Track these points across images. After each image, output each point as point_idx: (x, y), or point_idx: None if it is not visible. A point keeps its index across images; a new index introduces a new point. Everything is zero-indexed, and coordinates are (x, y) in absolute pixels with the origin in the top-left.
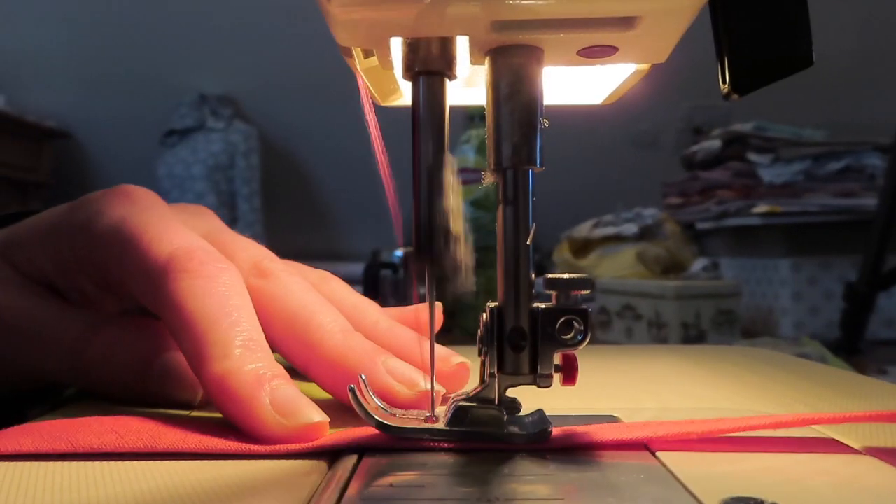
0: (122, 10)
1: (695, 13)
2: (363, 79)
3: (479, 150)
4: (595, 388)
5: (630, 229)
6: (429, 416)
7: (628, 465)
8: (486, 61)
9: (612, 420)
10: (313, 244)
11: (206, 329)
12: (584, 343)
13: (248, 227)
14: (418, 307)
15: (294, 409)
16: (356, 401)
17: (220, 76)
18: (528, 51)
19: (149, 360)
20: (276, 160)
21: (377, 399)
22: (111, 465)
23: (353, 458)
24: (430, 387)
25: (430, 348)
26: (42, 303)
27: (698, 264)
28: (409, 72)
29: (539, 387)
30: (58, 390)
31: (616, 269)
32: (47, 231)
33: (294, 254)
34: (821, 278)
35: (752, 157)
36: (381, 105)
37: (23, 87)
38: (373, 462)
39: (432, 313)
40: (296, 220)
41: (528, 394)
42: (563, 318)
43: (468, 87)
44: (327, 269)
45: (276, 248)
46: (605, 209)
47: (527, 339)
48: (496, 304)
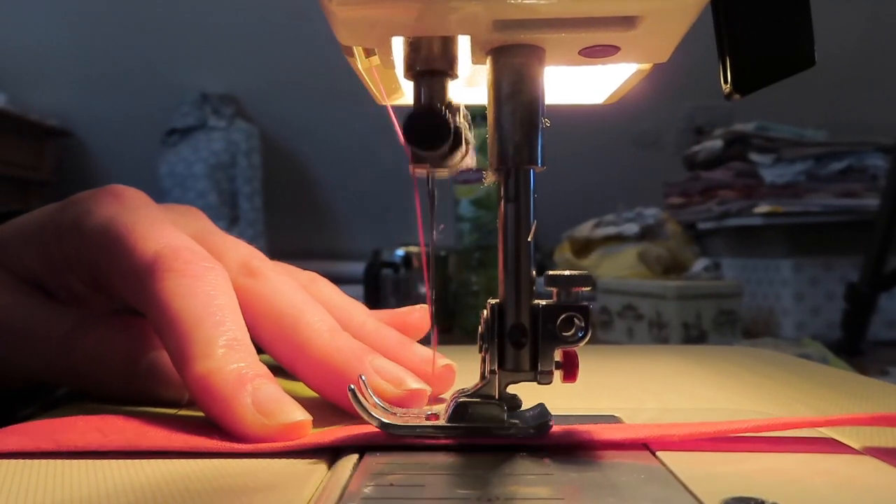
0: (124, 8)
1: (697, 13)
2: (375, 80)
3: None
4: (596, 388)
5: (631, 229)
6: (430, 413)
7: (629, 465)
8: (488, 61)
9: (613, 420)
10: (314, 243)
11: (189, 328)
12: (585, 340)
13: (250, 226)
14: (406, 310)
15: (275, 409)
16: (356, 400)
17: (222, 75)
18: (529, 50)
19: (136, 359)
20: (278, 159)
21: (377, 398)
22: (99, 465)
23: (353, 457)
24: (416, 386)
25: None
26: (30, 301)
27: (699, 264)
28: (411, 71)
29: (540, 383)
30: (48, 390)
31: (617, 268)
32: (36, 230)
33: (295, 253)
34: (822, 279)
35: (753, 157)
36: (383, 105)
37: (25, 86)
38: (373, 461)
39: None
40: (297, 220)
41: (528, 391)
42: (563, 315)
43: (470, 86)
44: (328, 268)
45: (278, 247)
46: (606, 209)
47: (527, 335)
48: (497, 300)
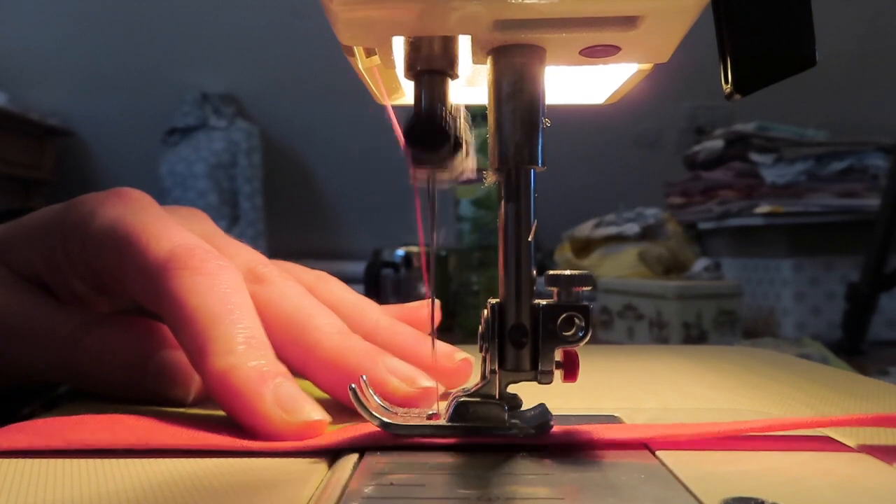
0: (124, 8)
1: (697, 13)
2: (374, 78)
3: (480, 149)
4: (596, 388)
5: (632, 229)
6: (431, 413)
7: (629, 465)
8: (488, 60)
9: (613, 420)
10: (315, 243)
11: (208, 325)
12: (586, 339)
13: (250, 226)
14: (418, 304)
15: (296, 406)
16: (357, 400)
17: (223, 75)
18: (530, 50)
19: (142, 358)
20: (279, 159)
21: (378, 398)
22: (107, 463)
23: (353, 456)
24: (429, 384)
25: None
26: (34, 300)
27: (700, 264)
28: (411, 71)
29: (540, 383)
30: (50, 388)
31: (618, 268)
32: (39, 231)
33: (295, 253)
34: (823, 279)
35: (754, 157)
36: (383, 104)
37: (26, 85)
38: (373, 461)
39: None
40: (298, 219)
41: (529, 391)
42: (564, 315)
43: (470, 86)
44: (329, 267)
45: (278, 246)
46: (606, 209)
47: (528, 335)
48: (497, 300)
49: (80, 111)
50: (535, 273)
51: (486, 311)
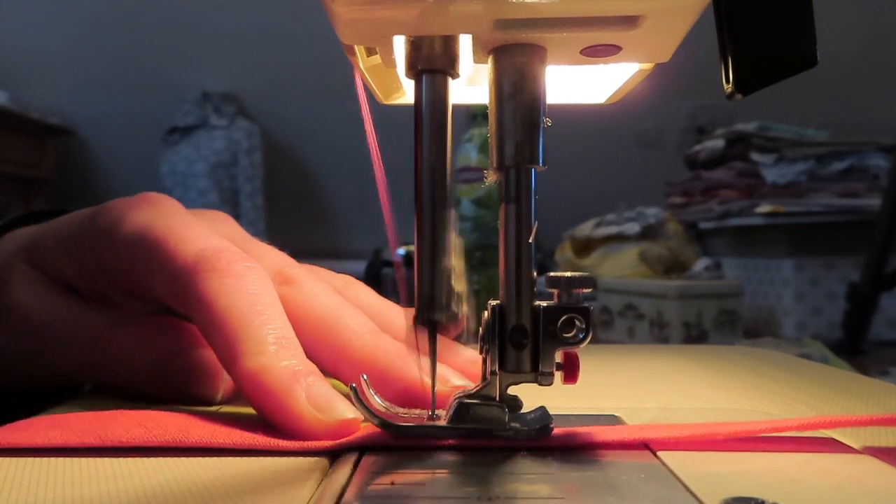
0: (125, 7)
1: (698, 12)
2: (364, 79)
3: (481, 148)
4: (597, 388)
5: (632, 229)
6: (431, 413)
7: (629, 465)
8: (489, 60)
9: (613, 420)
10: (315, 242)
11: (238, 326)
12: (586, 341)
13: (251, 225)
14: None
15: (329, 405)
16: (358, 400)
17: (223, 74)
18: (531, 49)
19: (170, 357)
20: (279, 158)
21: (379, 398)
22: (106, 462)
23: (353, 455)
24: (462, 383)
25: (432, 381)
26: (64, 301)
27: (700, 264)
28: (412, 70)
29: (540, 384)
30: (75, 387)
31: (618, 268)
32: (69, 235)
33: (296, 252)
34: (823, 279)
35: (755, 156)
36: (384, 104)
37: (26, 84)
38: (374, 460)
39: (433, 375)
40: (298, 218)
41: (529, 391)
42: (564, 317)
43: (471, 85)
44: (329, 266)
45: (279, 245)
46: (607, 208)
47: (528, 337)
48: (498, 301)
49: (81, 110)
50: (535, 274)
51: (486, 313)
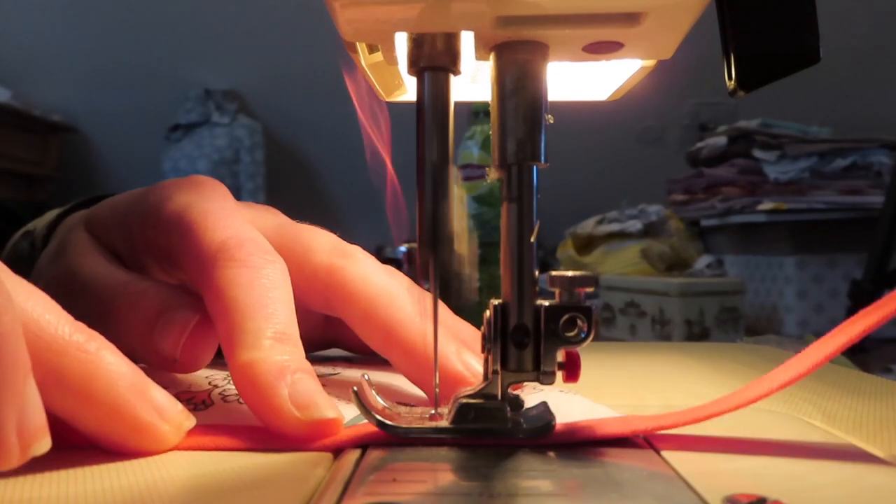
0: (127, 4)
1: (701, 9)
2: (364, 77)
3: (483, 146)
4: (598, 385)
5: (634, 226)
6: (433, 413)
7: (631, 462)
8: (491, 57)
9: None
10: None
11: (241, 317)
12: (588, 340)
13: None
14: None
15: (310, 404)
16: (358, 402)
17: (226, 71)
18: (533, 46)
19: (157, 315)
20: (281, 155)
21: (380, 398)
22: (112, 458)
23: (357, 451)
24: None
25: (434, 343)
26: (115, 269)
27: (703, 261)
28: (414, 67)
29: (542, 384)
30: None
31: (620, 265)
32: (122, 210)
33: None
34: (826, 276)
35: (757, 154)
36: (385, 100)
37: (29, 82)
38: (376, 456)
39: (435, 308)
40: (300, 216)
41: (531, 389)
42: (566, 316)
43: (473, 82)
44: None
45: None
46: (609, 206)
47: (530, 336)
48: (500, 300)
49: (84, 107)
50: (537, 272)
51: (488, 312)
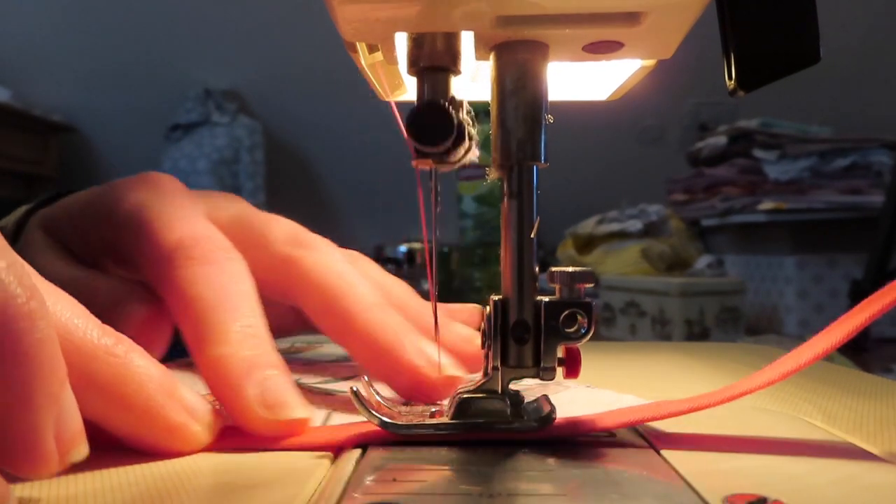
0: (127, 4)
1: (701, 9)
2: (366, 76)
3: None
4: (599, 385)
5: (634, 226)
6: (434, 410)
7: (631, 462)
8: (491, 57)
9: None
10: None
11: (205, 314)
12: (588, 336)
13: None
14: (457, 307)
15: (279, 403)
16: (358, 401)
17: (225, 71)
18: (533, 46)
19: (110, 307)
20: (281, 155)
21: (380, 396)
22: (108, 460)
23: (357, 451)
24: (454, 373)
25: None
26: (69, 268)
27: (703, 261)
28: (414, 67)
29: (542, 380)
30: None
31: (620, 265)
32: (77, 210)
33: None
34: (826, 276)
35: (757, 153)
36: (386, 100)
37: (29, 82)
38: (376, 455)
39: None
40: (300, 215)
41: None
42: (566, 312)
43: (473, 82)
44: None
45: None
46: (609, 205)
47: (530, 331)
48: (500, 296)
49: (83, 107)
50: (537, 270)
51: (488, 308)
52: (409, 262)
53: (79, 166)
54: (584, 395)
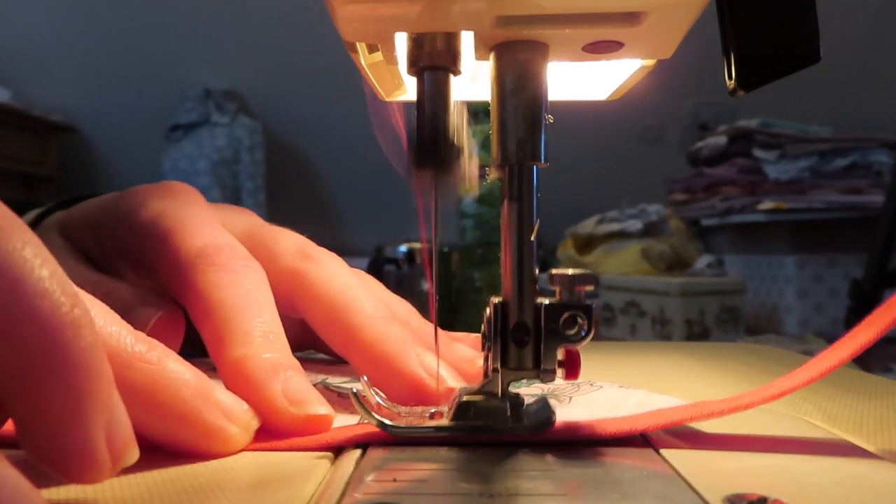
0: (127, 4)
1: (701, 9)
2: (366, 76)
3: (483, 145)
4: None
5: (634, 226)
6: (433, 412)
7: (631, 462)
8: (491, 57)
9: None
10: (317, 239)
11: (228, 317)
12: (588, 339)
13: None
14: (459, 335)
15: (303, 400)
16: (358, 403)
17: (225, 71)
18: (533, 46)
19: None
20: (281, 155)
21: (380, 398)
22: None
23: (357, 451)
24: (454, 385)
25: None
26: (83, 270)
27: (703, 261)
28: (414, 67)
29: (542, 382)
30: None
31: (620, 265)
32: (94, 215)
33: None
34: (826, 275)
35: (757, 153)
36: (385, 100)
37: (29, 82)
38: (377, 455)
39: (435, 230)
40: (300, 216)
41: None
42: (566, 314)
43: (473, 82)
44: None
45: None
46: (609, 205)
47: (530, 334)
48: (500, 298)
49: (84, 107)
50: (537, 271)
51: (488, 310)
52: (409, 262)
53: (79, 166)
54: (613, 394)
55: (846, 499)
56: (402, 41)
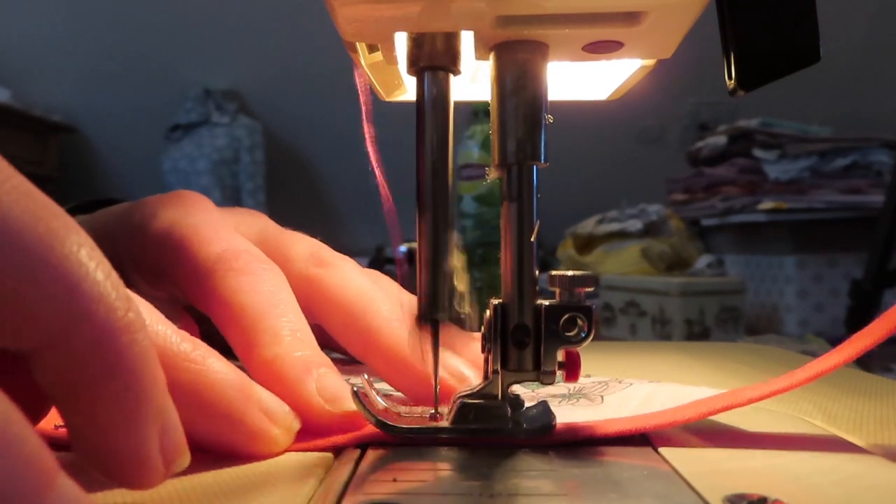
0: (127, 4)
1: (701, 9)
2: (365, 77)
3: (483, 145)
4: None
5: (634, 225)
6: (433, 413)
7: (631, 462)
8: (491, 56)
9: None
10: (317, 239)
11: (255, 319)
12: (588, 340)
13: None
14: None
15: (338, 397)
16: (358, 402)
17: (225, 71)
18: (533, 46)
19: None
20: (281, 155)
21: (381, 398)
22: None
23: (357, 451)
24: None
25: (434, 380)
26: None
27: (703, 261)
28: (414, 67)
29: (542, 383)
30: None
31: (620, 265)
32: (105, 227)
33: None
34: (826, 275)
35: (757, 153)
36: (385, 100)
37: (29, 82)
38: (376, 455)
39: (436, 380)
40: (300, 216)
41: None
42: (566, 315)
43: (473, 82)
44: None
45: None
46: (609, 205)
47: (530, 335)
48: (500, 300)
49: (84, 107)
50: (537, 272)
51: (488, 312)
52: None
53: (79, 166)
54: (646, 390)
55: (846, 499)
56: (402, 41)
